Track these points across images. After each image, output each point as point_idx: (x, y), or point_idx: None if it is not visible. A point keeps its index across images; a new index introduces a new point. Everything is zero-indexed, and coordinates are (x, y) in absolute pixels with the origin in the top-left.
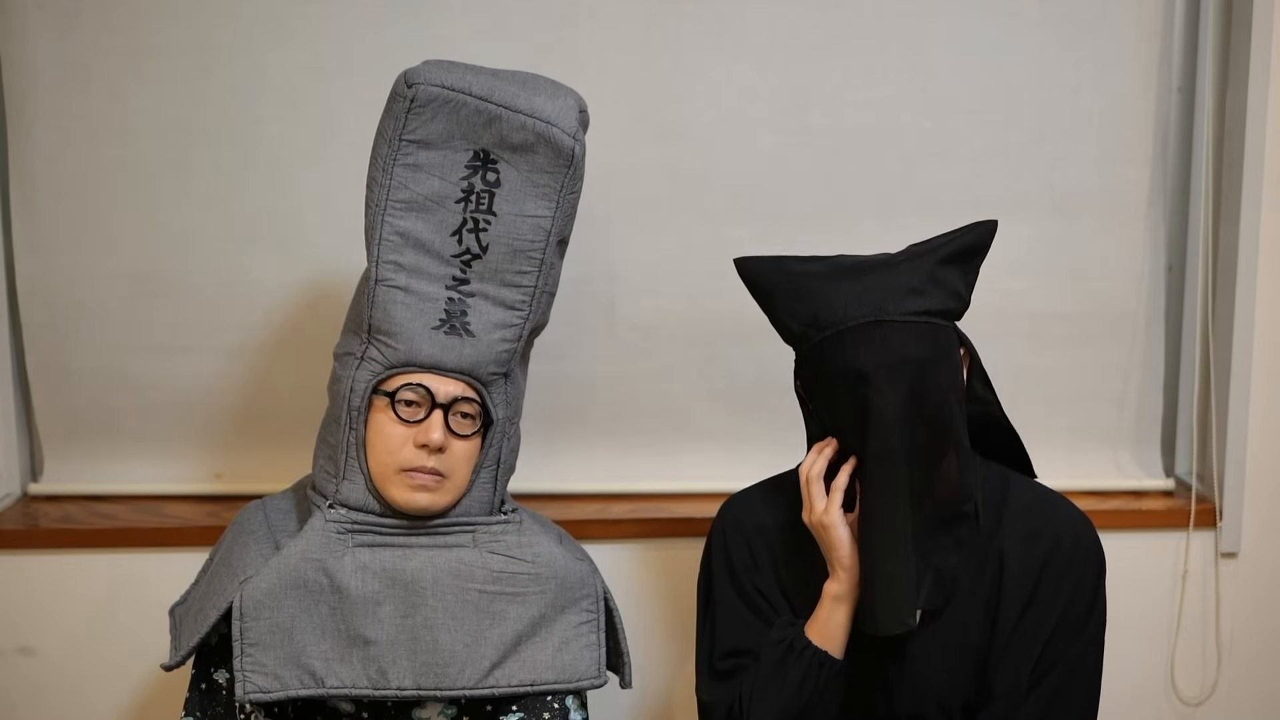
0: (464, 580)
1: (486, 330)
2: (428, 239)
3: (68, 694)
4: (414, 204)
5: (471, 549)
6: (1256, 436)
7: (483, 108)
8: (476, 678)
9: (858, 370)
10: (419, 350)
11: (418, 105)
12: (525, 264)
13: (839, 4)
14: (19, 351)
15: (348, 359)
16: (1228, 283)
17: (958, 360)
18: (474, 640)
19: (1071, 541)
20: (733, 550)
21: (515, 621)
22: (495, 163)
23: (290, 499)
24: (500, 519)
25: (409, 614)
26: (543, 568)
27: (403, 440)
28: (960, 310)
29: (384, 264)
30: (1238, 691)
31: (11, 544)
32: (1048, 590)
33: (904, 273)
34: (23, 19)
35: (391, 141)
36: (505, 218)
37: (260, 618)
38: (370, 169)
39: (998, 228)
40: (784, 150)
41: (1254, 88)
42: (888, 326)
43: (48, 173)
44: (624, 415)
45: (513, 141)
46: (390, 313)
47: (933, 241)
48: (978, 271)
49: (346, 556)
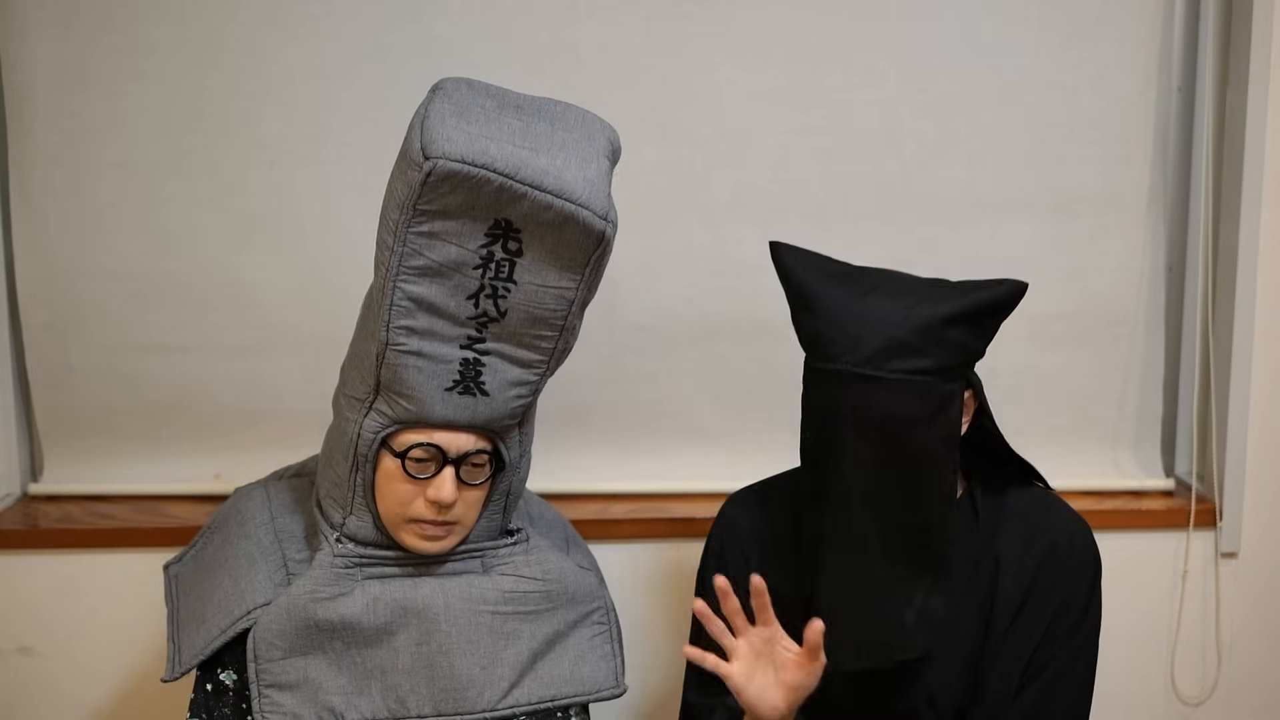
0: (476, 604)
1: (501, 389)
2: (442, 303)
3: (68, 694)
4: (429, 270)
5: (481, 574)
6: (1256, 436)
7: (507, 186)
8: (495, 699)
9: (835, 415)
10: (432, 411)
11: (434, 180)
12: (545, 329)
13: (839, 4)
14: (19, 351)
15: (355, 403)
16: (1228, 283)
17: (955, 412)
18: (490, 662)
19: (1068, 545)
20: (728, 550)
21: (530, 640)
22: (519, 232)
23: (295, 493)
24: (508, 541)
25: (424, 641)
26: (553, 584)
27: (413, 496)
28: (965, 365)
29: (395, 329)
30: (1238, 691)
31: (11, 544)
32: (1042, 593)
33: (909, 323)
34: (23, 18)
35: (404, 208)
36: (526, 286)
37: (274, 659)
38: (380, 230)
39: (1026, 290)
40: (784, 150)
41: (1254, 88)
42: (874, 383)
43: (48, 172)
44: (624, 415)
45: (540, 220)
46: (402, 376)
47: (954, 287)
48: (995, 330)
49: (357, 591)
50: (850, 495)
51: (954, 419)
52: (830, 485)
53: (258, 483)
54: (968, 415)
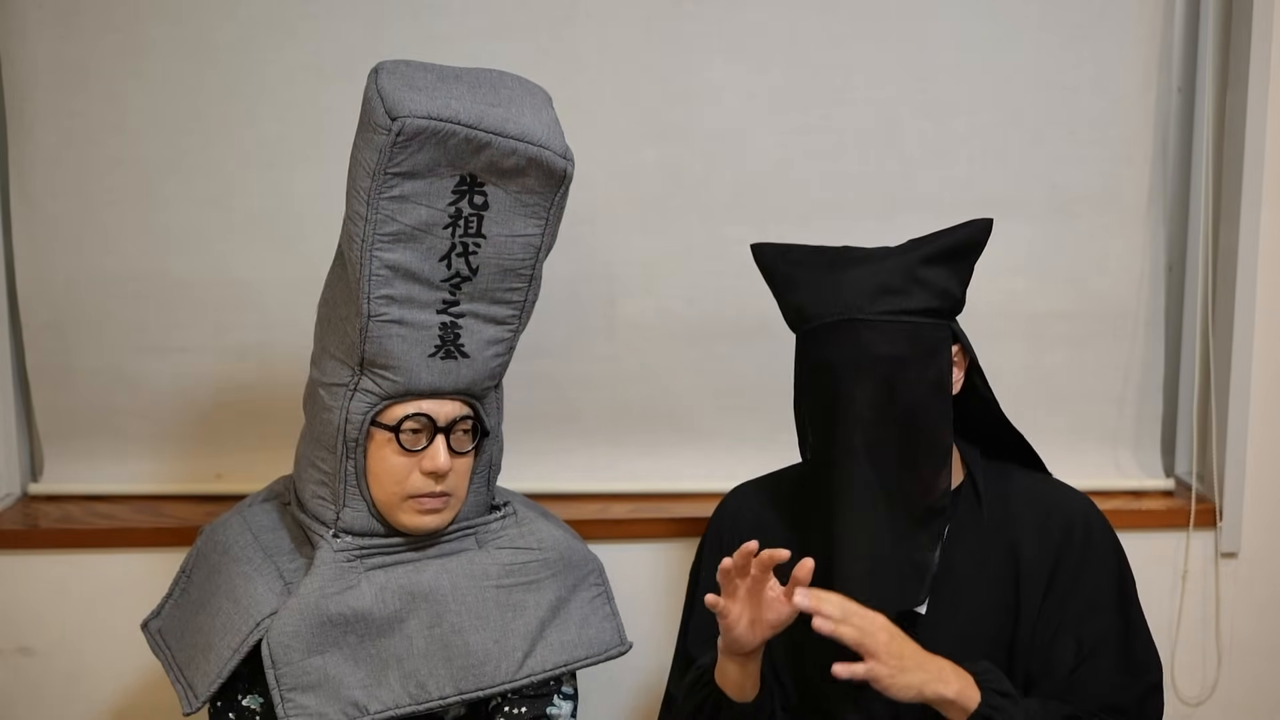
0: (479, 580)
1: (480, 349)
2: (417, 268)
3: (68, 694)
4: (402, 235)
5: (478, 550)
6: (1256, 436)
7: (472, 136)
8: (512, 670)
9: (828, 365)
10: (418, 380)
11: (403, 139)
12: (515, 281)
13: (839, 4)
14: (19, 351)
15: (337, 389)
16: (1228, 283)
17: (945, 358)
18: (502, 635)
19: (1084, 527)
20: (728, 543)
21: (536, 609)
22: (482, 185)
23: (272, 514)
24: (497, 515)
25: (435, 624)
26: (549, 551)
27: (408, 470)
28: (950, 308)
29: (375, 300)
30: (1238, 691)
31: (11, 544)
32: (1067, 577)
33: (885, 270)
34: (23, 19)
35: (375, 175)
36: (495, 239)
37: (292, 661)
38: (350, 201)
39: (993, 226)
40: (784, 150)
41: (1254, 88)
42: (860, 325)
43: (47, 172)
44: (624, 415)
45: (503, 167)
46: (386, 347)
47: (926, 238)
48: (972, 269)
49: (363, 582)
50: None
51: (944, 366)
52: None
53: (227, 515)
54: (960, 371)
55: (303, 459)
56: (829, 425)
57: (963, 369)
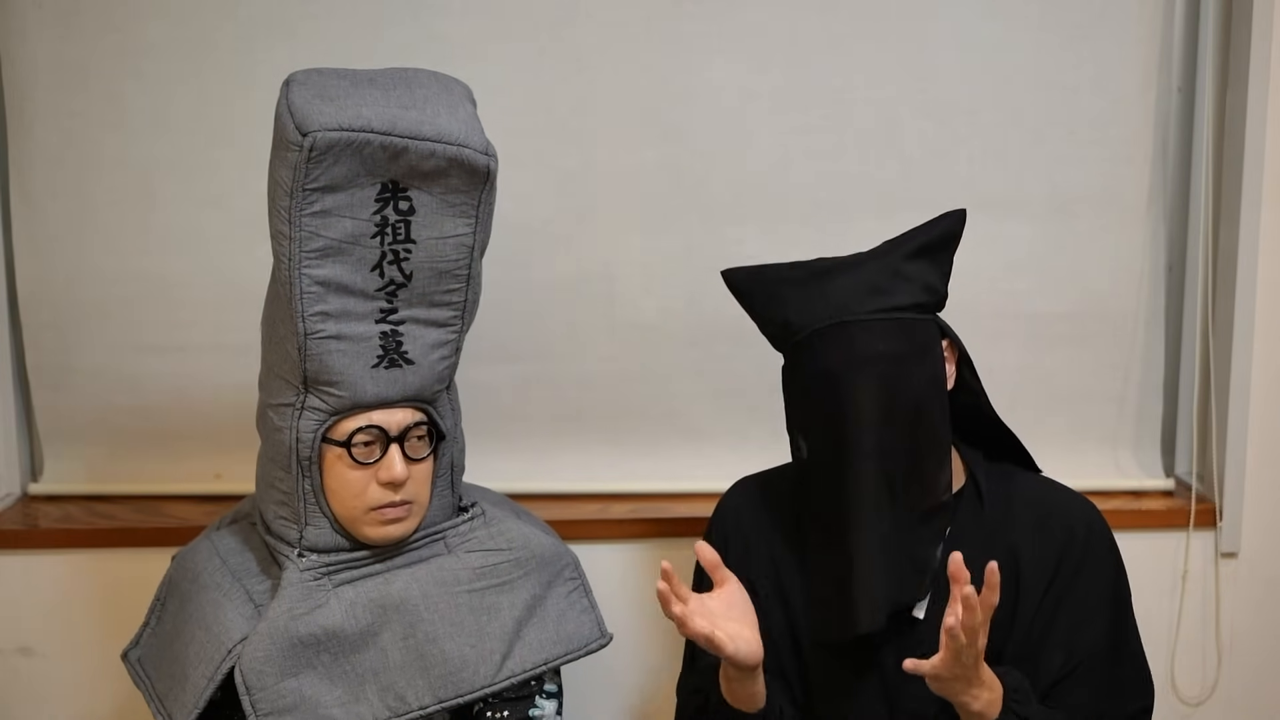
0: (450, 586)
1: (424, 353)
2: (349, 280)
3: (68, 694)
4: (329, 250)
5: (447, 555)
6: (1256, 436)
7: (388, 142)
8: (491, 673)
9: (826, 371)
10: (363, 392)
11: (316, 154)
12: (452, 282)
13: (839, 4)
14: (19, 351)
15: (284, 409)
16: (1228, 283)
17: (938, 353)
18: (478, 639)
19: (1085, 530)
20: (730, 540)
21: (511, 609)
22: (405, 190)
23: (238, 536)
24: (465, 518)
25: (409, 634)
26: (520, 550)
27: (365, 482)
28: (935, 302)
29: (310, 317)
30: (1238, 691)
31: (11, 544)
32: (1066, 580)
33: (869, 271)
34: (23, 18)
35: (293, 193)
36: (425, 243)
37: (266, 686)
38: (272, 220)
39: (966, 216)
40: (784, 150)
41: (1254, 88)
42: (853, 326)
43: (47, 172)
44: (624, 415)
45: (424, 170)
46: (327, 363)
47: (903, 236)
48: (951, 262)
49: (331, 600)
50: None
51: (937, 360)
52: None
53: (196, 540)
54: (951, 363)
55: (262, 480)
56: (834, 429)
57: (954, 363)
